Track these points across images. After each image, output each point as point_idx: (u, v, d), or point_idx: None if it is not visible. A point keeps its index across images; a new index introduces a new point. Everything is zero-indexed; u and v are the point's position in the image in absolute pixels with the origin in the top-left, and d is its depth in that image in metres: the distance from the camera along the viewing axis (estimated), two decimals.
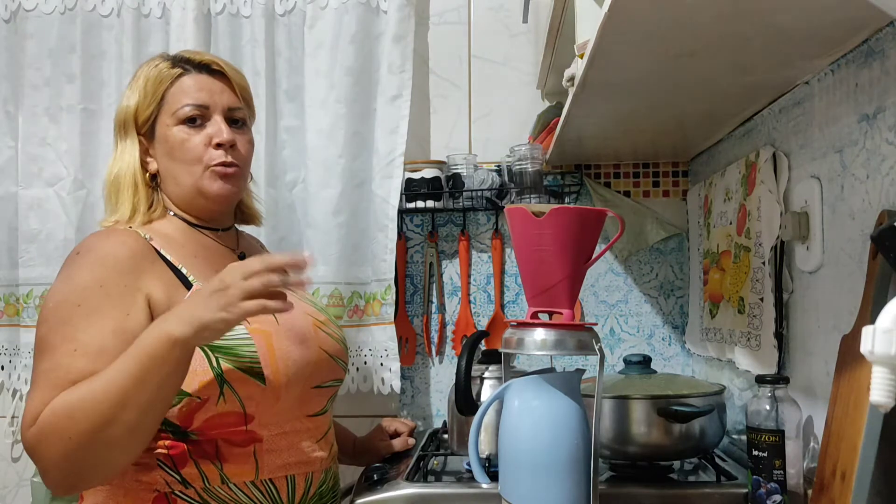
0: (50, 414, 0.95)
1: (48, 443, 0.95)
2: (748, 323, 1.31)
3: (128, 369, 0.94)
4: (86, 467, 0.97)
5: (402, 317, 1.82)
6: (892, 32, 0.92)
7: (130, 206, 1.16)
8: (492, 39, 1.86)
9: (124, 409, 0.94)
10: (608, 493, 1.17)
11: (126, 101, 1.18)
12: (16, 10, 1.81)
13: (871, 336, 0.61)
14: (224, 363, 1.03)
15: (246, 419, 1.05)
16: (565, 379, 1.01)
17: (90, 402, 0.94)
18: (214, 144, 1.15)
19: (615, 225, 1.07)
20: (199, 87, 1.16)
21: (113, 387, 0.94)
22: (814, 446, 1.11)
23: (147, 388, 0.94)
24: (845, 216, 1.03)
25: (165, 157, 1.16)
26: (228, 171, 1.16)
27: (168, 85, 1.16)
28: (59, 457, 0.95)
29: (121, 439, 0.95)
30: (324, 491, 1.15)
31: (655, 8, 0.85)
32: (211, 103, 1.16)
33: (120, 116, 1.18)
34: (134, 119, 1.17)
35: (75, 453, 0.94)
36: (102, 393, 0.94)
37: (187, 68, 1.17)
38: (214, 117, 1.16)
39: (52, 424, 0.94)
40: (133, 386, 0.94)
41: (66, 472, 0.97)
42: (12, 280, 1.82)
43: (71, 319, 1.01)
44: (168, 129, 1.15)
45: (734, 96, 1.25)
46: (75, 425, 0.93)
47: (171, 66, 1.17)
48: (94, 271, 1.04)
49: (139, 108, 1.16)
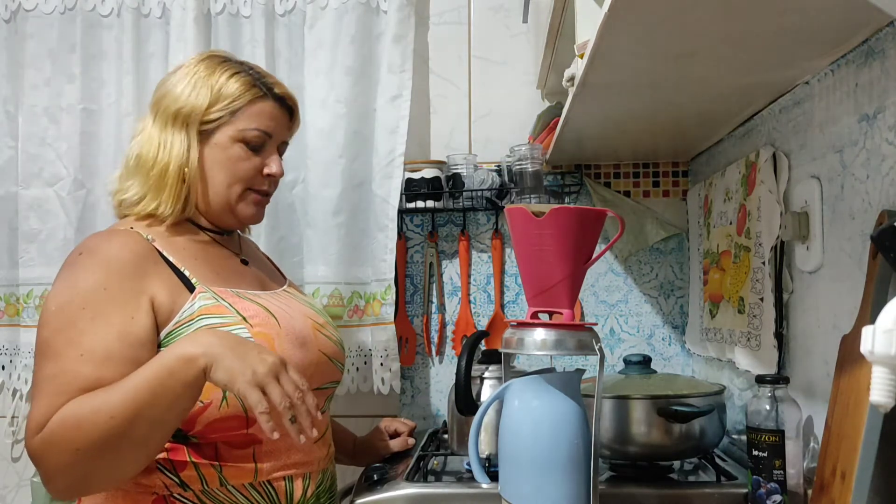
0: (59, 423, 0.94)
1: (55, 451, 0.94)
2: (748, 323, 1.31)
3: (141, 388, 0.94)
4: (91, 477, 0.97)
5: (402, 317, 1.82)
6: (892, 32, 0.92)
7: (176, 200, 1.13)
8: (492, 39, 1.86)
9: (134, 423, 0.94)
10: (608, 493, 1.17)
11: (189, 96, 1.14)
12: (16, 10, 1.81)
13: (871, 336, 0.61)
14: None
15: (248, 423, 1.05)
16: (565, 379, 1.01)
17: (102, 415, 0.93)
18: (266, 175, 1.19)
19: (615, 225, 1.07)
20: (272, 117, 1.18)
21: (124, 400, 0.94)
22: (814, 446, 1.11)
23: (160, 405, 0.94)
24: (845, 216, 1.03)
25: (215, 164, 1.16)
26: (264, 201, 1.21)
27: (246, 103, 1.15)
28: (65, 465, 0.94)
29: (128, 453, 0.96)
30: (321, 491, 1.15)
31: (655, 8, 0.85)
32: (275, 134, 1.19)
33: (178, 106, 1.14)
34: (199, 117, 1.14)
35: (82, 463, 0.94)
36: (115, 406, 0.93)
37: (266, 93, 1.18)
38: (271, 147, 1.20)
39: (59, 434, 0.94)
40: (146, 400, 0.94)
41: (70, 480, 0.96)
42: (12, 280, 1.82)
43: (75, 323, 1.00)
44: (229, 142, 1.15)
45: (734, 96, 1.25)
46: (84, 436, 0.93)
47: (252, 84, 1.16)
48: (97, 274, 1.04)
49: (209, 111, 1.14)
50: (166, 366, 0.95)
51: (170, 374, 0.94)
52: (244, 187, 1.18)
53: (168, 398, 0.94)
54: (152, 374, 0.95)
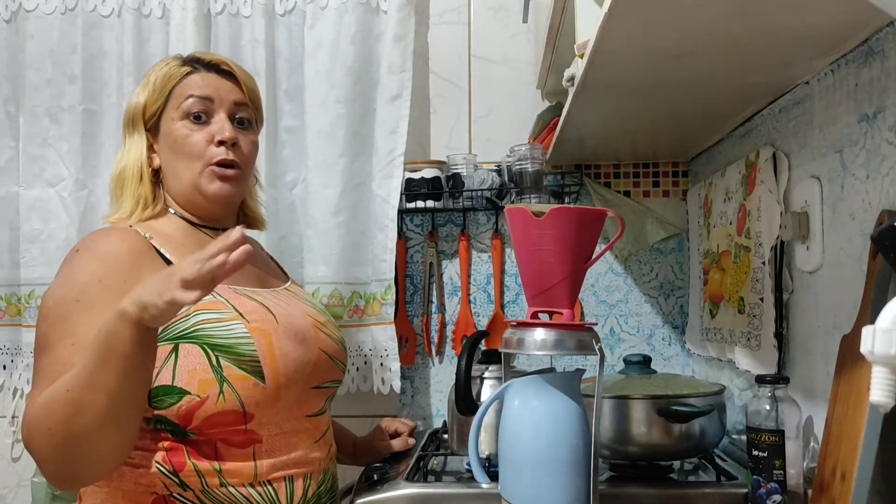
0: (37, 407, 0.95)
1: (36, 436, 0.95)
2: (748, 323, 1.31)
3: (91, 351, 0.93)
4: (73, 460, 0.96)
5: (402, 317, 1.82)
6: (892, 32, 0.92)
7: (133, 200, 1.16)
8: (492, 39, 1.87)
9: (91, 392, 0.92)
10: (608, 492, 1.17)
11: (136, 99, 1.19)
12: (16, 11, 1.81)
13: (871, 336, 0.61)
14: (224, 361, 1.03)
15: (245, 418, 1.05)
16: (565, 379, 1.01)
17: (61, 390, 0.93)
18: (217, 142, 1.15)
19: (615, 225, 1.07)
20: (206, 84, 1.18)
21: (79, 372, 0.93)
22: (814, 446, 1.11)
23: (110, 370, 0.91)
24: (845, 216, 1.03)
25: (168, 151, 1.17)
26: (227, 173, 1.16)
27: (177, 81, 1.17)
28: (46, 449, 0.95)
29: (95, 428, 0.93)
30: (322, 492, 1.14)
31: (655, 8, 0.85)
32: (216, 98, 1.17)
33: (129, 113, 1.20)
34: (142, 114, 1.18)
35: (59, 445, 0.94)
36: (70, 379, 0.93)
37: (196, 66, 1.19)
38: (219, 115, 1.17)
39: (36, 417, 0.95)
40: (96, 367, 0.92)
41: (56, 465, 0.96)
42: (14, 280, 1.82)
43: (69, 315, 1.01)
44: (172, 124, 1.16)
45: (734, 96, 1.25)
46: (52, 416, 0.93)
47: (181, 64, 1.19)
48: (93, 268, 1.04)
49: (147, 104, 1.17)
50: (105, 329, 0.92)
51: (109, 335, 0.91)
52: (203, 164, 1.15)
53: (116, 361, 0.91)
54: (95, 341, 0.93)
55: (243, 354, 1.04)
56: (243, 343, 1.05)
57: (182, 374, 1.02)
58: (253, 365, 1.05)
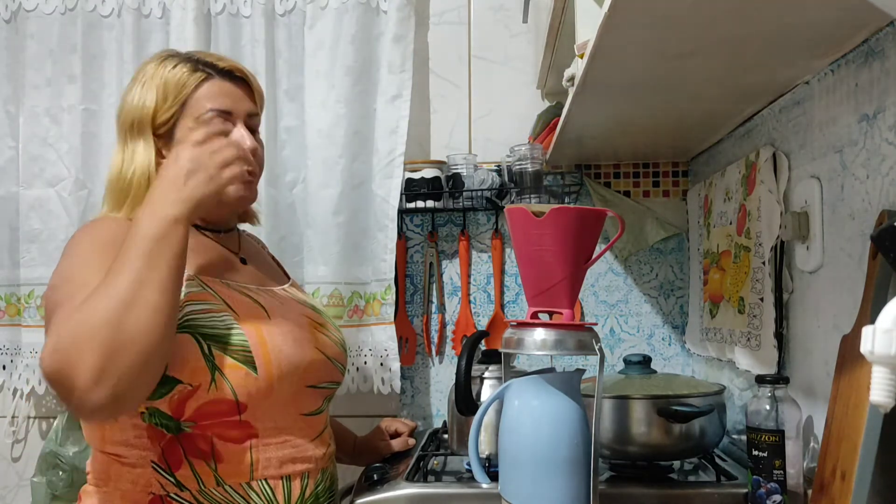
0: (68, 327, 0.91)
1: (74, 352, 0.89)
2: (748, 323, 1.31)
3: (136, 256, 0.94)
4: (121, 364, 0.90)
5: (402, 317, 1.82)
6: (892, 32, 0.92)
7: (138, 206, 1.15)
8: (492, 39, 1.87)
9: (143, 287, 0.93)
10: (608, 492, 1.17)
11: (139, 101, 1.14)
12: (16, 11, 1.81)
13: (871, 336, 0.61)
14: (216, 350, 1.03)
15: (239, 408, 1.05)
16: (565, 379, 1.01)
17: (106, 292, 0.92)
18: None
19: (615, 225, 1.07)
20: (223, 93, 1.15)
21: (126, 272, 0.93)
22: (814, 446, 1.11)
23: (159, 268, 0.95)
24: (845, 216, 1.03)
25: None
26: (248, 179, 1.16)
27: (192, 90, 1.14)
28: (90, 360, 0.88)
29: (148, 321, 0.92)
30: (320, 491, 1.14)
31: (655, 8, 0.85)
32: (234, 110, 1.16)
33: (132, 115, 1.15)
34: (151, 120, 1.14)
35: (106, 347, 0.89)
36: (116, 278, 0.93)
37: (210, 73, 1.16)
38: (237, 124, 1.16)
39: (73, 332, 0.90)
40: (145, 267, 0.94)
41: (100, 376, 0.89)
42: (13, 280, 1.82)
43: (72, 278, 1.00)
44: (191, 133, 1.13)
45: (734, 96, 1.25)
46: (98, 316, 0.90)
47: (194, 69, 1.15)
48: (93, 242, 1.05)
49: (158, 110, 1.13)
50: (148, 235, 0.96)
51: (156, 240, 0.96)
52: None
53: (170, 260, 0.96)
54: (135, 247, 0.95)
55: (235, 344, 1.04)
56: (234, 334, 1.05)
57: (174, 363, 1.01)
58: (245, 355, 1.05)
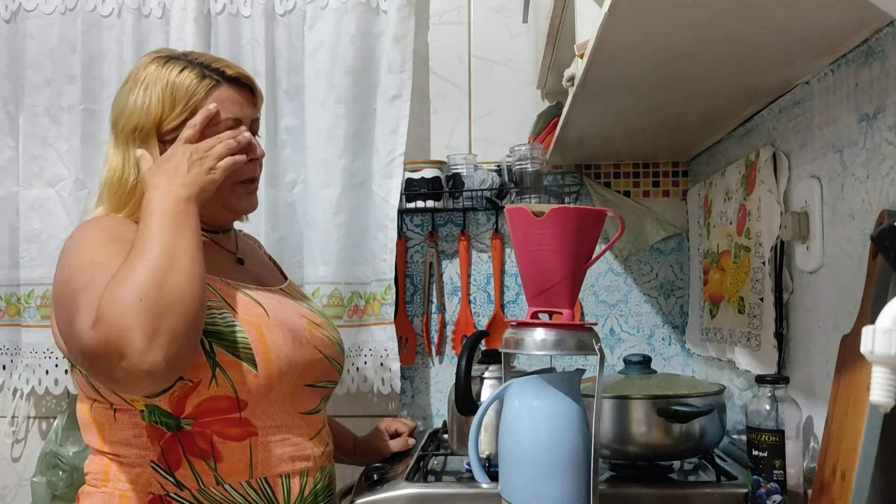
0: (107, 299, 0.91)
1: (121, 319, 0.90)
2: (748, 323, 1.31)
3: (159, 230, 0.98)
4: (170, 325, 0.92)
5: (402, 317, 1.82)
6: (892, 32, 0.92)
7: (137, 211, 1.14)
8: (492, 39, 1.87)
9: (175, 255, 0.96)
10: (608, 492, 1.17)
11: (143, 105, 1.11)
12: (16, 11, 1.81)
13: (871, 336, 0.61)
14: (217, 347, 1.03)
15: (239, 405, 1.05)
16: (565, 379, 1.01)
17: (140, 263, 0.94)
18: (249, 160, 1.15)
19: (615, 225, 1.07)
20: (233, 101, 1.14)
21: (155, 244, 0.97)
22: (814, 446, 1.11)
23: (185, 237, 0.99)
24: (845, 216, 1.03)
25: None
26: (252, 188, 1.18)
27: (203, 96, 1.11)
28: (141, 323, 0.90)
29: (186, 285, 0.95)
30: (319, 490, 1.15)
31: (655, 8, 0.85)
32: (243, 117, 1.15)
33: (135, 119, 1.11)
34: (156, 127, 1.11)
35: (154, 310, 0.91)
36: (146, 251, 0.96)
37: (219, 80, 1.13)
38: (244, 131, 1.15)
39: (115, 302, 0.91)
40: (173, 237, 0.98)
41: (153, 337, 0.91)
42: (13, 280, 1.82)
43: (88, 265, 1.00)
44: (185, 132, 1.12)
45: (734, 96, 1.25)
46: (139, 282, 0.92)
47: (201, 75, 1.12)
48: (100, 234, 1.05)
49: (164, 118, 1.11)
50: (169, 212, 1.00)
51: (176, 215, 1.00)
52: (232, 181, 1.13)
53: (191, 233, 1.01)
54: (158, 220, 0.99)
55: (235, 341, 1.04)
56: (235, 331, 1.05)
57: None
58: (246, 352, 1.05)
